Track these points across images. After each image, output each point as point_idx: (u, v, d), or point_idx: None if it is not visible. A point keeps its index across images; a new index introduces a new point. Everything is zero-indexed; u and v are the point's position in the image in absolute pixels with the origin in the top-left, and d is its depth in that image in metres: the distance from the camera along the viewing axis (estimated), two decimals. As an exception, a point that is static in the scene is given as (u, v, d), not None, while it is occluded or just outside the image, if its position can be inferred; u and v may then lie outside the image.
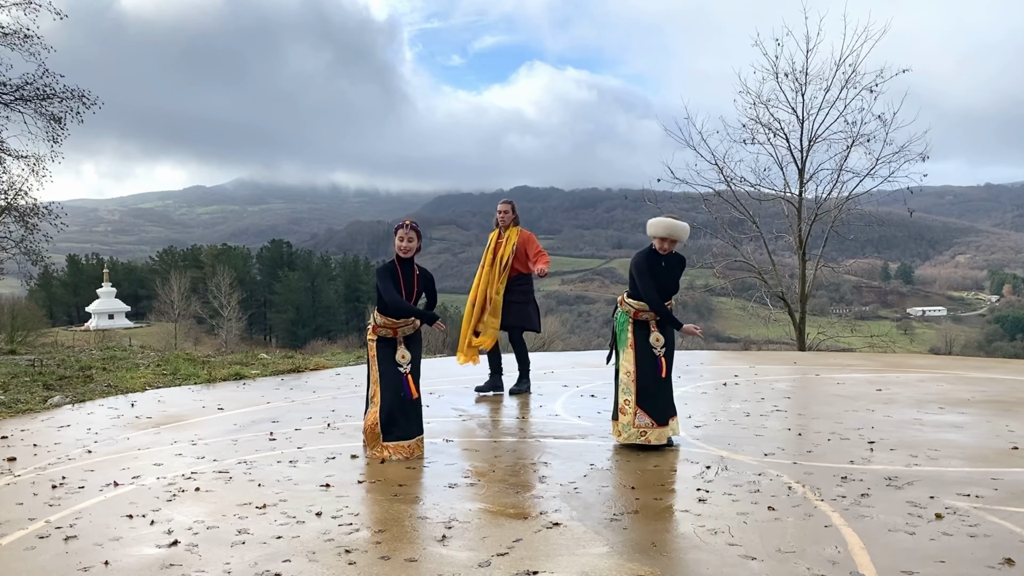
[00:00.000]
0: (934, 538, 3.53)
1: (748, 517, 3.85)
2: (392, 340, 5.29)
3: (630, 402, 5.31)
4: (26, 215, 15.51)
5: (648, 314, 5.35)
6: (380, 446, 5.21)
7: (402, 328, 5.28)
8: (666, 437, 5.32)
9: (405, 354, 5.27)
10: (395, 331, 5.28)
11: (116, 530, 3.82)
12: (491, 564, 3.30)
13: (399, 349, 5.27)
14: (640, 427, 5.28)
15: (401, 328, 5.28)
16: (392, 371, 5.24)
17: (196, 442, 5.81)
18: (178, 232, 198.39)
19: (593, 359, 10.41)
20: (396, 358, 5.26)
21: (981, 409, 6.61)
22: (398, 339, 5.29)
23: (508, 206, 7.41)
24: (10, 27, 14.34)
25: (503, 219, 7.33)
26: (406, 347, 5.28)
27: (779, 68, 16.08)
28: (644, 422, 5.28)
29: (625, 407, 5.33)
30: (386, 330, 5.28)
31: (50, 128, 14.97)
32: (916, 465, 4.79)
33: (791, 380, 8.61)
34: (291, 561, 3.37)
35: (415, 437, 5.28)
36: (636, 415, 5.28)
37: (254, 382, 9.10)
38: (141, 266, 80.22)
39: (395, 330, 5.28)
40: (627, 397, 5.33)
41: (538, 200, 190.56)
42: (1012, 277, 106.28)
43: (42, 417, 7.06)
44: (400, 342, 5.29)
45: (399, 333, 5.29)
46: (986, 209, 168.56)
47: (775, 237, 17.25)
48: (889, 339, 22.84)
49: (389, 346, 5.29)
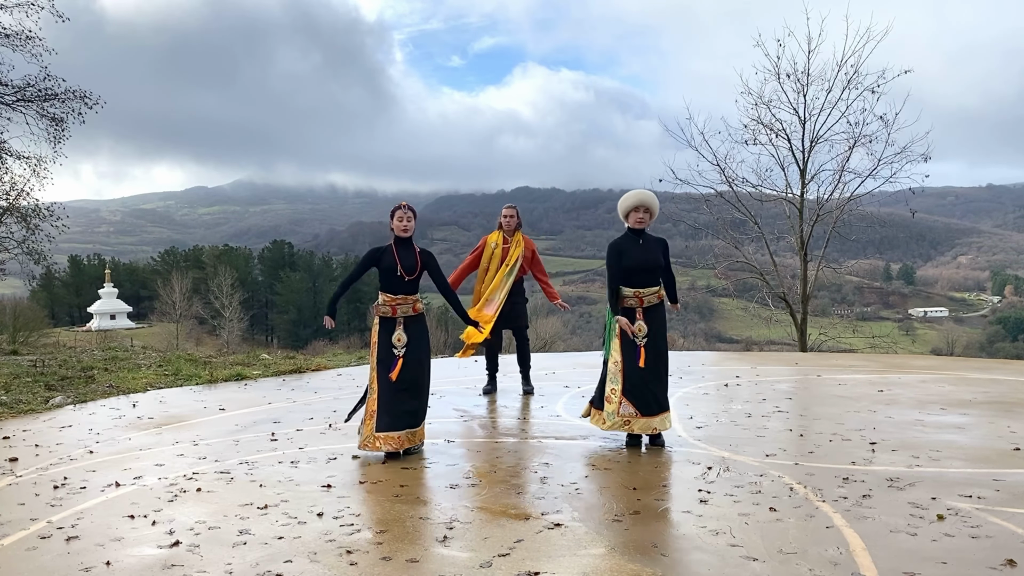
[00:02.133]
0: (936, 539, 3.52)
1: (749, 518, 3.85)
2: (392, 321, 5.33)
3: (616, 391, 5.31)
4: (28, 216, 15.55)
5: (634, 300, 5.33)
6: (372, 436, 5.20)
7: (400, 306, 5.32)
8: (651, 428, 5.28)
9: (401, 336, 5.30)
10: (394, 309, 5.32)
11: (118, 530, 3.83)
12: (492, 565, 3.30)
13: (396, 330, 5.31)
14: (624, 416, 5.27)
15: (400, 306, 5.32)
16: (388, 354, 5.27)
17: (198, 442, 5.82)
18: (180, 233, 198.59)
19: (594, 360, 10.40)
20: (392, 339, 5.29)
21: (983, 410, 6.61)
22: (397, 319, 5.32)
23: (514, 210, 7.46)
24: (12, 28, 14.37)
25: (509, 223, 7.37)
26: (404, 330, 5.31)
27: (781, 69, 16.10)
28: (628, 411, 5.27)
29: (611, 396, 5.34)
30: (385, 308, 5.33)
31: (52, 129, 15.00)
32: (918, 466, 4.79)
33: (793, 381, 8.60)
34: (292, 562, 3.37)
35: (405, 429, 5.24)
36: (621, 404, 5.28)
37: (256, 383, 9.11)
38: (143, 267, 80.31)
39: (393, 308, 5.32)
40: (614, 386, 5.33)
41: (539, 200, 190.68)
42: (1014, 278, 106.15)
43: (44, 417, 7.07)
44: (399, 323, 5.32)
45: (398, 312, 5.32)
46: (988, 210, 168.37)
47: (777, 238, 17.25)
48: (891, 340, 22.84)
49: (388, 328, 5.32)
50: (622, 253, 5.37)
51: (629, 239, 5.40)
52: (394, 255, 5.30)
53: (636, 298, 5.35)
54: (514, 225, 7.39)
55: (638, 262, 5.33)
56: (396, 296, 5.32)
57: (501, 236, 7.38)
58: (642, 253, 5.34)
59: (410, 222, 5.36)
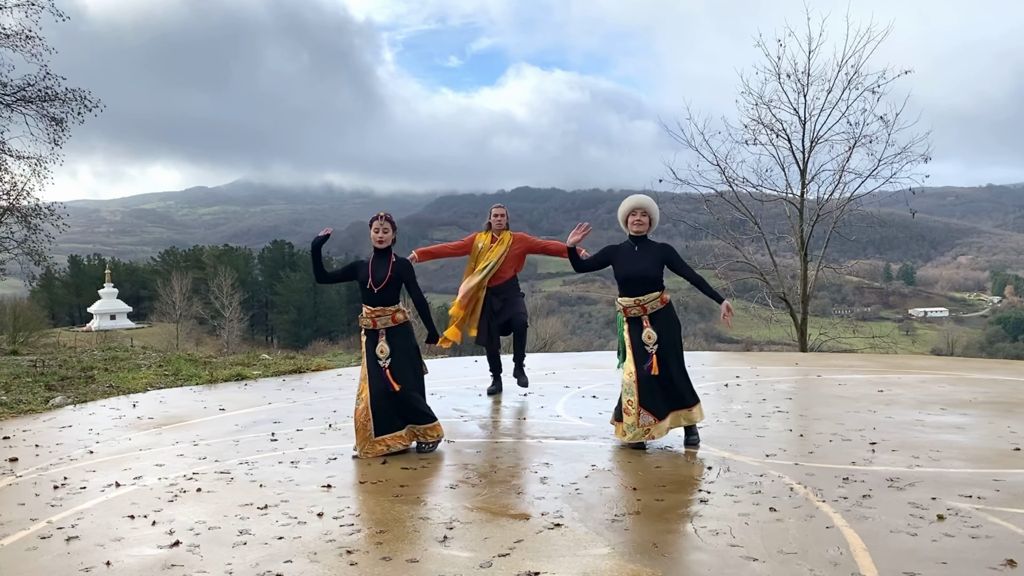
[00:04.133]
0: (936, 539, 3.52)
1: (750, 518, 3.85)
2: (374, 333, 5.38)
3: (633, 403, 5.28)
4: (28, 216, 15.55)
5: (636, 309, 5.33)
6: (371, 443, 5.23)
7: (380, 318, 5.36)
8: (666, 430, 5.28)
9: (384, 348, 5.34)
10: (373, 322, 5.37)
11: (118, 530, 3.82)
12: (492, 565, 3.29)
13: (379, 342, 5.35)
14: (644, 426, 5.26)
15: (379, 318, 5.36)
16: (373, 365, 5.33)
17: (198, 443, 5.82)
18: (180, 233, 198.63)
19: (594, 360, 10.42)
20: (375, 351, 5.33)
21: (983, 410, 6.61)
22: (379, 331, 5.36)
23: (504, 210, 7.51)
24: (12, 28, 14.38)
25: (499, 223, 7.40)
26: (386, 340, 5.35)
27: (781, 69, 16.11)
28: (647, 420, 5.25)
29: (629, 408, 5.30)
30: (367, 320, 5.39)
31: (51, 129, 15.01)
32: (918, 466, 4.79)
33: (793, 381, 8.60)
34: (292, 562, 3.37)
35: (406, 427, 5.34)
36: (640, 415, 5.25)
37: (255, 383, 9.11)
38: (143, 267, 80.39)
39: (373, 320, 5.37)
40: (630, 398, 5.30)
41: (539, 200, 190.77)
42: (1014, 278, 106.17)
43: (44, 418, 7.07)
44: (381, 335, 5.36)
45: (377, 324, 5.37)
46: (988, 210, 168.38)
47: (777, 238, 17.26)
48: (891, 340, 22.82)
49: (372, 340, 5.38)
50: (613, 260, 5.39)
51: (626, 246, 5.39)
52: (368, 266, 5.37)
53: (638, 307, 5.33)
54: (504, 224, 7.42)
55: (626, 272, 5.32)
56: (374, 308, 5.36)
57: (489, 236, 7.42)
58: (633, 263, 5.32)
59: (387, 233, 5.38)
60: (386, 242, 5.38)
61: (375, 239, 5.38)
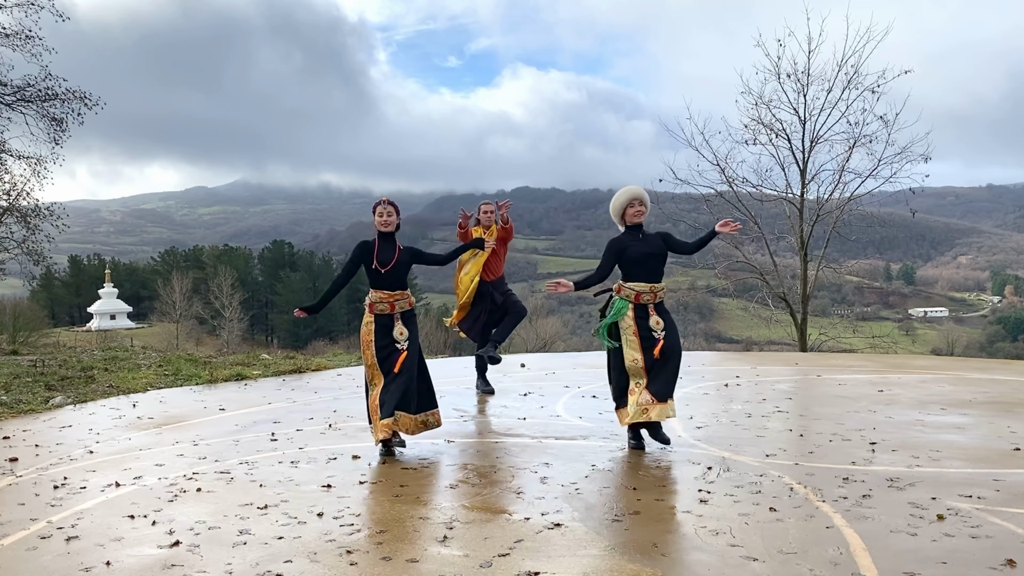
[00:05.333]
0: (936, 539, 3.52)
1: (750, 518, 3.85)
2: (389, 317, 5.34)
3: (641, 384, 5.27)
4: (28, 216, 15.54)
5: (649, 295, 5.32)
6: (379, 424, 5.20)
7: (399, 302, 5.35)
8: (666, 415, 5.22)
9: (403, 331, 5.33)
10: (391, 306, 5.34)
11: (118, 530, 3.82)
12: (492, 565, 3.30)
13: (396, 325, 5.33)
14: (642, 404, 5.24)
15: (398, 302, 5.35)
16: (390, 348, 5.29)
17: (198, 442, 5.82)
18: (180, 233, 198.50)
19: (594, 360, 10.41)
20: (394, 334, 5.31)
21: (983, 410, 6.61)
22: (395, 315, 5.34)
23: (492, 206, 7.61)
24: (11, 28, 14.38)
25: (488, 219, 7.51)
26: (403, 324, 5.35)
27: (781, 69, 16.11)
28: (646, 399, 5.24)
29: (635, 388, 5.29)
30: (383, 305, 5.34)
31: (51, 129, 15.01)
32: (918, 466, 4.79)
33: (793, 381, 8.60)
34: (292, 562, 3.37)
35: (422, 412, 5.38)
36: (641, 394, 5.24)
37: (255, 383, 9.11)
38: (143, 267, 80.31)
39: (391, 304, 5.34)
40: (638, 380, 5.30)
41: (539, 200, 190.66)
42: (1014, 278, 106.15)
43: (44, 417, 7.07)
44: (397, 318, 5.34)
45: (396, 308, 5.35)
46: (988, 210, 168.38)
47: (777, 238, 17.26)
48: (891, 340, 22.82)
49: (386, 325, 5.33)
50: (625, 247, 5.36)
51: (629, 235, 5.40)
52: (374, 249, 5.35)
53: (651, 293, 5.31)
54: (492, 220, 7.51)
55: (642, 253, 5.31)
56: (394, 292, 5.35)
57: (480, 230, 7.52)
58: (645, 246, 5.35)
59: (391, 216, 5.38)
60: (390, 225, 5.37)
61: (379, 223, 5.37)
